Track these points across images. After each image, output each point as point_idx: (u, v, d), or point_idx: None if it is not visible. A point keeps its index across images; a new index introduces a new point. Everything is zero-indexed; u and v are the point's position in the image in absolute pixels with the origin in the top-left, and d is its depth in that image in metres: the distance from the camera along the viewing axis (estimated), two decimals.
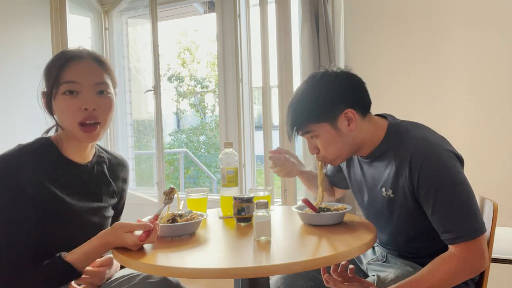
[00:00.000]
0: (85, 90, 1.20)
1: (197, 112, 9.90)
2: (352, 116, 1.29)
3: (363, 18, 2.42)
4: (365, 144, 1.35)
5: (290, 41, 2.41)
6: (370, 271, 1.45)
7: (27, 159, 1.20)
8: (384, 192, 1.33)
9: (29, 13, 3.10)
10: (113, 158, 1.45)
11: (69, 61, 1.21)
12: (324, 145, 1.33)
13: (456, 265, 1.18)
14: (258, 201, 1.20)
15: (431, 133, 1.31)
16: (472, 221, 1.18)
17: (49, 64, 1.26)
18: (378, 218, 1.41)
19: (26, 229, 1.18)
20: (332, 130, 1.30)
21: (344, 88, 1.32)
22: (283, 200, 2.47)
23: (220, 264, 1.09)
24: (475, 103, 2.20)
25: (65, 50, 1.29)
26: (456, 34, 2.22)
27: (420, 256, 1.34)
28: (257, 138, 2.89)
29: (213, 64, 9.34)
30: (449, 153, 1.23)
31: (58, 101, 1.21)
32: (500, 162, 2.13)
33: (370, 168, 1.40)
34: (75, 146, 1.28)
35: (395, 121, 1.36)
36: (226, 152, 1.58)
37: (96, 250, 1.18)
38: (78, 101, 1.19)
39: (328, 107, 1.29)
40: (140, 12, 3.38)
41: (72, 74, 1.20)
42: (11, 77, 2.97)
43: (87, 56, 1.25)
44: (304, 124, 1.32)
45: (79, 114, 1.20)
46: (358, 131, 1.32)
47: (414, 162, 1.22)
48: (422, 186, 1.22)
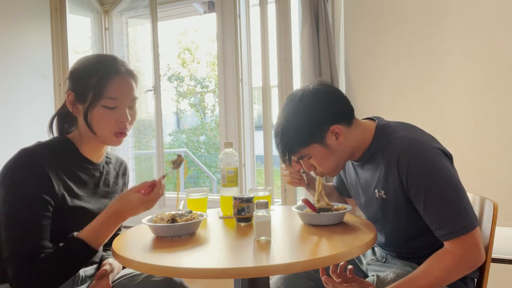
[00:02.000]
0: (121, 105, 1.31)
1: (197, 112, 9.89)
2: (338, 131, 1.31)
3: (363, 18, 2.42)
4: (357, 149, 1.37)
5: (290, 41, 2.41)
6: (370, 271, 1.45)
7: (47, 153, 1.26)
8: (377, 193, 1.34)
9: (29, 13, 3.09)
10: (115, 158, 1.52)
11: (111, 76, 1.29)
12: (319, 163, 1.35)
13: (452, 261, 1.19)
14: (258, 201, 1.20)
15: (418, 132, 1.32)
16: (463, 216, 1.19)
17: (83, 69, 1.32)
18: (375, 219, 1.41)
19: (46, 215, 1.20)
20: (323, 149, 1.32)
21: (324, 106, 1.33)
22: (283, 200, 2.47)
23: (220, 264, 1.09)
24: (475, 103, 2.19)
25: (102, 59, 1.37)
26: (456, 34, 2.22)
27: (418, 257, 1.34)
28: (257, 138, 2.89)
29: (213, 64, 9.34)
30: (436, 150, 1.24)
31: (97, 112, 1.29)
32: (500, 162, 2.12)
33: (363, 171, 1.41)
34: (94, 147, 1.37)
35: (383, 123, 1.37)
36: (226, 152, 1.58)
37: (105, 223, 1.19)
38: (116, 114, 1.30)
39: (313, 130, 1.31)
40: (140, 12, 3.37)
41: (113, 91, 1.29)
42: (11, 77, 2.97)
43: (125, 71, 1.33)
44: (295, 150, 1.34)
45: (115, 125, 1.31)
46: (347, 140, 1.33)
47: (401, 161, 1.23)
48: (412, 184, 1.23)
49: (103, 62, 1.33)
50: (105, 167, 1.44)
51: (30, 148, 1.26)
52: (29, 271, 1.13)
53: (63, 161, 1.29)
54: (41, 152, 1.24)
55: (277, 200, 2.64)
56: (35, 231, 1.17)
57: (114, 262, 1.39)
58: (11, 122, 2.92)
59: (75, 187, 1.30)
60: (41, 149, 1.26)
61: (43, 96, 3.06)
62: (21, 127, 2.89)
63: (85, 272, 1.36)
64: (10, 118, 2.93)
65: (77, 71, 1.33)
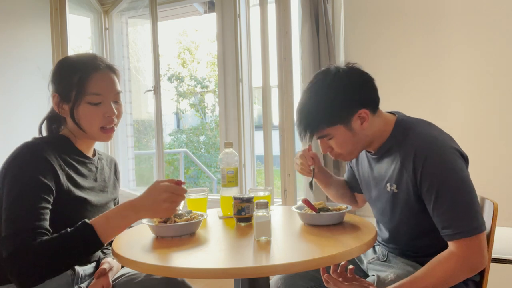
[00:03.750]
0: (106, 100, 1.33)
1: (197, 112, 9.89)
2: (365, 115, 1.30)
3: (363, 18, 2.42)
4: (375, 139, 1.36)
5: (290, 41, 2.41)
6: (371, 270, 1.45)
7: (48, 146, 1.28)
8: (388, 187, 1.34)
9: (29, 13, 3.10)
10: (105, 156, 1.55)
11: (91, 72, 1.32)
12: (339, 145, 1.33)
13: (455, 263, 1.18)
14: (258, 201, 1.20)
15: (437, 130, 1.32)
16: (472, 218, 1.18)
17: (63, 70, 1.35)
18: (383, 214, 1.42)
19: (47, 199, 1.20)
20: (347, 131, 1.30)
21: (358, 88, 1.31)
22: (283, 200, 2.47)
23: (220, 264, 1.09)
24: (475, 103, 2.19)
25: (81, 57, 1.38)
26: (456, 33, 2.22)
27: (421, 255, 1.34)
28: (257, 138, 2.89)
29: (213, 64, 9.34)
30: (453, 150, 1.23)
31: (82, 109, 1.32)
32: (500, 162, 2.13)
33: (378, 163, 1.40)
34: (86, 143, 1.40)
35: (403, 118, 1.37)
36: (226, 152, 1.58)
37: (118, 214, 1.15)
38: (101, 110, 1.33)
39: (343, 110, 1.29)
40: (140, 12, 3.38)
41: (96, 86, 1.32)
42: (11, 77, 2.97)
43: (105, 67, 1.35)
44: (318, 128, 1.31)
45: (102, 120, 1.34)
46: (370, 127, 1.32)
47: (418, 157, 1.23)
48: (425, 180, 1.22)
49: (82, 60, 1.36)
50: (99, 163, 1.46)
51: (32, 141, 1.29)
52: (26, 250, 1.08)
53: (63, 154, 1.31)
54: (43, 145, 1.27)
55: (277, 200, 2.64)
56: (34, 211, 1.15)
57: (112, 261, 1.39)
58: (11, 122, 2.92)
59: (78, 179, 1.32)
60: (42, 142, 1.29)
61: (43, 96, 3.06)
62: (21, 127, 2.90)
63: (84, 271, 1.36)
64: (10, 118, 2.93)
65: (58, 72, 1.36)
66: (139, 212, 1.16)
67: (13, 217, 1.14)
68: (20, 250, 1.08)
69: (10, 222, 1.13)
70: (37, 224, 1.13)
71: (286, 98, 2.42)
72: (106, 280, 1.32)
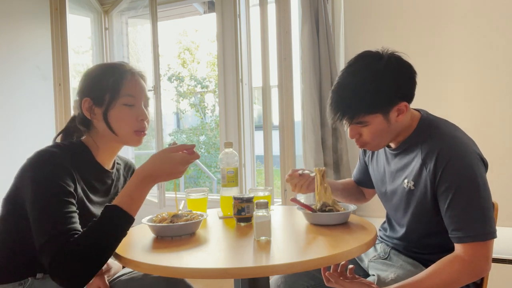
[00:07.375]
0: (138, 103, 1.35)
1: (197, 112, 9.89)
2: (404, 108, 1.27)
3: (363, 18, 2.42)
4: (400, 134, 1.34)
5: (290, 41, 2.41)
6: (371, 269, 1.45)
7: (64, 154, 1.26)
8: (406, 183, 1.33)
9: (29, 13, 3.10)
10: (124, 162, 1.53)
11: (125, 75, 1.34)
12: (372, 134, 1.29)
13: (461, 267, 1.18)
14: (258, 201, 1.20)
15: (461, 133, 1.31)
16: (484, 224, 1.18)
17: (95, 75, 1.35)
18: (396, 209, 1.41)
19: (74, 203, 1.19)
20: (383, 122, 1.27)
21: (406, 79, 1.29)
22: (283, 200, 2.47)
23: (220, 264, 1.09)
24: (475, 103, 2.20)
25: (111, 63, 1.40)
26: (456, 33, 2.22)
27: (425, 253, 1.34)
28: (257, 138, 2.89)
29: (213, 64, 9.34)
30: (475, 155, 1.23)
31: (117, 111, 1.31)
32: (500, 162, 2.12)
33: (396, 159, 1.39)
34: (109, 152, 1.38)
35: (428, 116, 1.36)
36: (226, 152, 1.58)
37: (138, 187, 1.17)
38: (135, 112, 1.33)
39: (386, 100, 1.26)
40: (140, 12, 3.37)
41: (131, 88, 1.34)
42: (11, 77, 2.97)
43: (136, 72, 1.38)
44: (357, 113, 1.26)
45: (136, 123, 1.33)
46: (402, 121, 1.31)
47: (441, 157, 1.22)
48: (444, 180, 1.21)
49: (114, 65, 1.37)
50: (115, 173, 1.44)
51: (47, 148, 1.26)
52: (66, 251, 1.07)
53: (79, 165, 1.28)
54: (60, 153, 1.24)
55: (277, 200, 2.64)
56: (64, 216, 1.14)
57: (111, 261, 1.39)
58: (11, 121, 2.92)
59: (91, 194, 1.31)
60: (58, 150, 1.26)
61: (43, 96, 3.06)
62: (21, 126, 2.90)
63: None
64: (10, 118, 2.93)
65: (90, 77, 1.35)
66: (155, 180, 1.19)
67: (45, 225, 1.12)
68: (60, 253, 1.07)
69: (42, 231, 1.12)
70: (70, 227, 1.12)
71: (286, 98, 2.42)
72: (102, 281, 1.32)
